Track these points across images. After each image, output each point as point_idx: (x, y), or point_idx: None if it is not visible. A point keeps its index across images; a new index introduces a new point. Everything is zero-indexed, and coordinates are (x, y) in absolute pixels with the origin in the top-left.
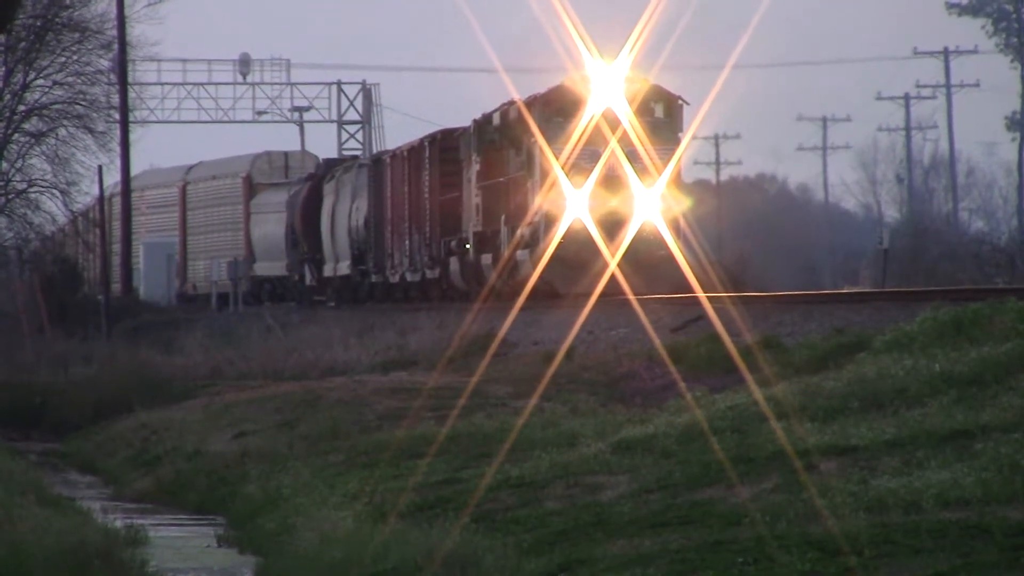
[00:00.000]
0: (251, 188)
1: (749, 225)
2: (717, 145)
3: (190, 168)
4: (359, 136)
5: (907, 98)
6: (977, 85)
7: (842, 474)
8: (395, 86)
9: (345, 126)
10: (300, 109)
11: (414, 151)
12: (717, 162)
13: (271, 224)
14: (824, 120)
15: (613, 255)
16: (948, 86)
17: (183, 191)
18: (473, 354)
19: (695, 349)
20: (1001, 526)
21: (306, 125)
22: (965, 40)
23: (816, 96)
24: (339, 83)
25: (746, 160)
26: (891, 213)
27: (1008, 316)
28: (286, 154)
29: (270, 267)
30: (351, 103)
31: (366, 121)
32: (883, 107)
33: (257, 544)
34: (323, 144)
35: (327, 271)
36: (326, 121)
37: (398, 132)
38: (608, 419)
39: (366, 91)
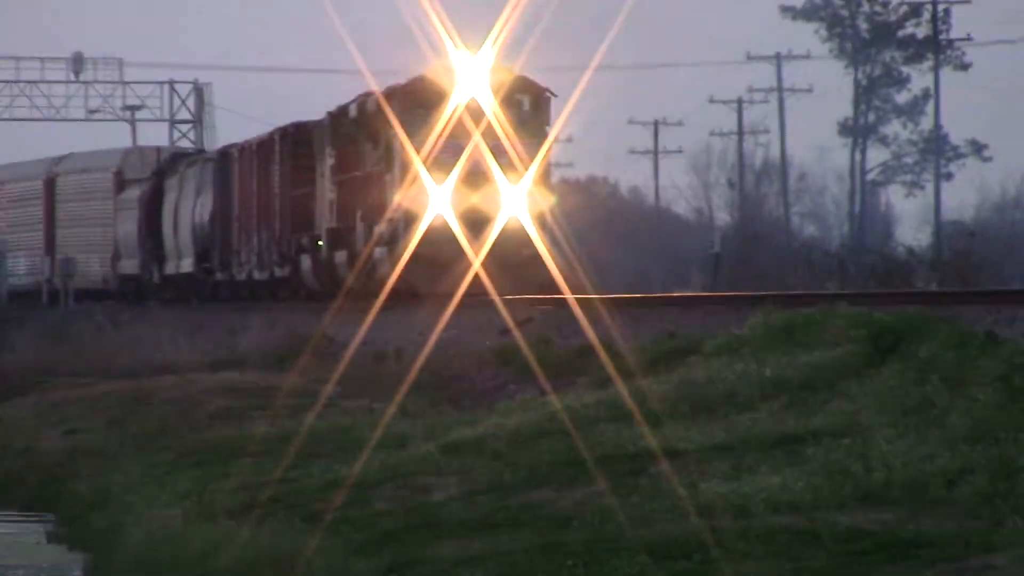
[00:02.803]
0: (122, 183)
1: (581, 228)
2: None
3: (59, 160)
4: (191, 135)
5: (739, 102)
6: (810, 90)
7: (672, 478)
8: (228, 85)
9: (177, 125)
10: (132, 108)
11: (263, 144)
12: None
13: (130, 221)
14: (656, 124)
15: (477, 253)
16: (780, 91)
17: (49, 184)
18: (304, 353)
19: (525, 351)
20: (830, 532)
21: (139, 124)
22: (798, 45)
23: (648, 99)
24: (171, 82)
25: (577, 163)
26: (723, 217)
27: (839, 321)
28: (158, 149)
29: (129, 264)
30: (183, 102)
31: (197, 120)
32: (716, 111)
33: (87, 541)
34: (156, 143)
35: (169, 269)
36: (158, 120)
37: (231, 131)
38: (438, 421)
39: (198, 90)
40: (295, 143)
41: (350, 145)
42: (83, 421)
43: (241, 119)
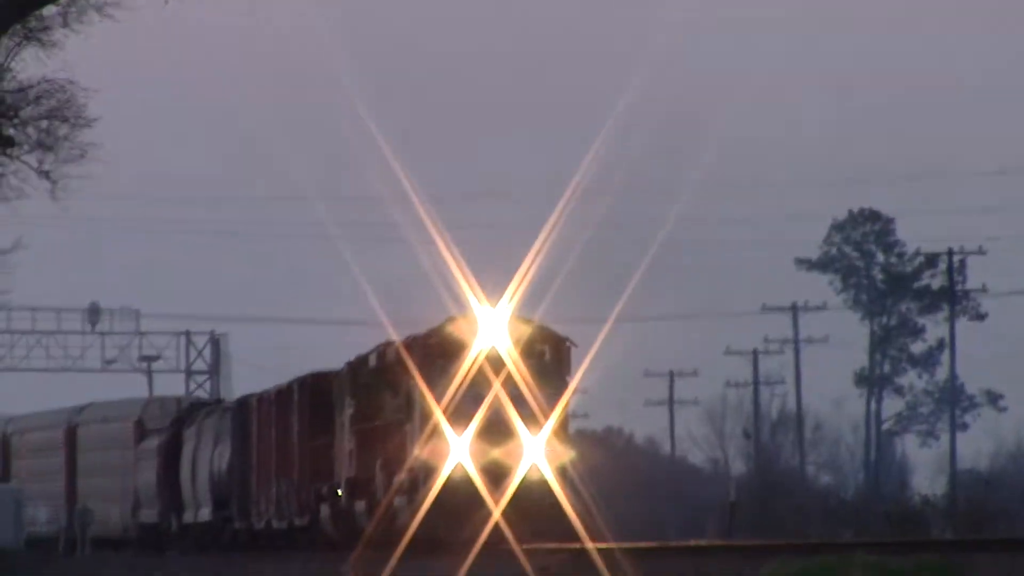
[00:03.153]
0: (143, 433)
1: (597, 479)
2: None
3: (81, 409)
4: (207, 386)
5: (755, 353)
6: (826, 340)
7: None
8: (244, 336)
9: (194, 375)
10: (149, 358)
11: (282, 394)
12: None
13: (150, 470)
14: (671, 374)
15: (497, 503)
16: (796, 341)
17: (70, 433)
18: None
19: None
20: None
21: (155, 374)
22: (814, 296)
23: (664, 350)
24: (187, 333)
25: (593, 414)
26: (738, 467)
27: (855, 570)
28: (178, 399)
29: (149, 513)
30: (199, 353)
31: (214, 371)
32: (731, 362)
33: None
34: (172, 393)
35: (188, 517)
36: (175, 371)
37: (248, 381)
38: None
39: (214, 341)
40: (314, 393)
41: (370, 395)
42: None
43: (257, 370)
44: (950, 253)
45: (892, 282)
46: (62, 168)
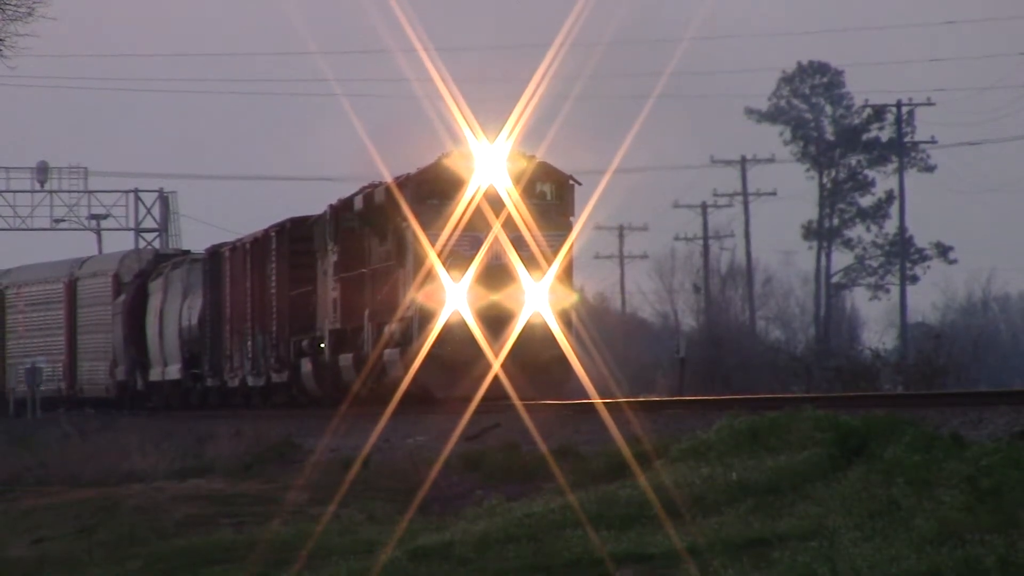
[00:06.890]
0: (119, 287)
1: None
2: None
3: (82, 263)
4: (156, 244)
5: (704, 207)
6: (774, 194)
7: None
8: (193, 193)
9: (143, 234)
10: (98, 217)
11: (258, 243)
12: None
13: (121, 325)
14: (621, 229)
15: (497, 354)
16: (745, 194)
17: (71, 287)
18: (269, 461)
19: (492, 456)
20: None
21: (104, 233)
22: (763, 149)
23: (613, 204)
24: (136, 191)
25: None
26: (688, 322)
27: (805, 425)
28: (155, 251)
29: (121, 371)
30: (148, 211)
31: (163, 228)
32: (680, 215)
33: None
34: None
35: (154, 375)
36: (124, 229)
37: (197, 239)
38: (405, 526)
39: (163, 198)
40: (293, 240)
41: (355, 240)
42: (51, 529)
43: (207, 227)
44: (899, 105)
45: (841, 134)
46: (9, 26)
